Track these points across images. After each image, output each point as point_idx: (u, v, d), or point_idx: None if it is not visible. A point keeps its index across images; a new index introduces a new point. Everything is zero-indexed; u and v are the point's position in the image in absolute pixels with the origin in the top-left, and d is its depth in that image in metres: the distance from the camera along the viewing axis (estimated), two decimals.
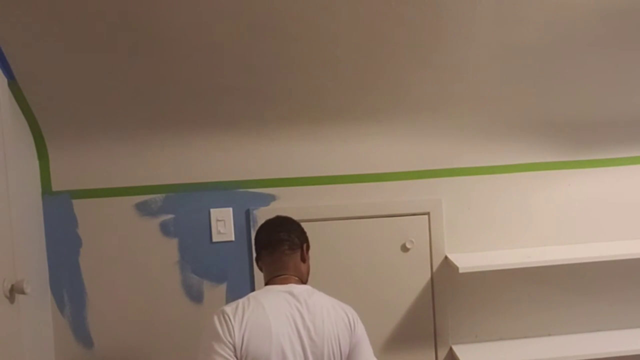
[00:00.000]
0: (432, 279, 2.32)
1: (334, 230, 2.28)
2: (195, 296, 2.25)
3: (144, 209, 2.22)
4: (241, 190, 2.25)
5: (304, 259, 1.85)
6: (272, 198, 2.26)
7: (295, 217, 2.23)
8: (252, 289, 2.25)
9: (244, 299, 1.69)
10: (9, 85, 1.94)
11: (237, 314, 1.63)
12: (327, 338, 1.67)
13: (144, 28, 1.86)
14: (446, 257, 2.31)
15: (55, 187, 2.18)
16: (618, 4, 1.94)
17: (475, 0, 1.88)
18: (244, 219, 2.25)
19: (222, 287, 2.26)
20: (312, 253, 2.26)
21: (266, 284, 1.79)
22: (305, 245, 1.86)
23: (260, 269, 1.88)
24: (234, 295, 2.25)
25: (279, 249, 1.80)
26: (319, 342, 1.66)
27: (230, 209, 2.25)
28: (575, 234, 2.38)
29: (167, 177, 2.22)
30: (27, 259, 1.99)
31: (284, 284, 1.75)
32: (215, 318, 1.63)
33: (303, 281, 1.82)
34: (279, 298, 1.69)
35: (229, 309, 1.65)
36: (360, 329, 1.75)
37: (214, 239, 2.24)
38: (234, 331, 1.59)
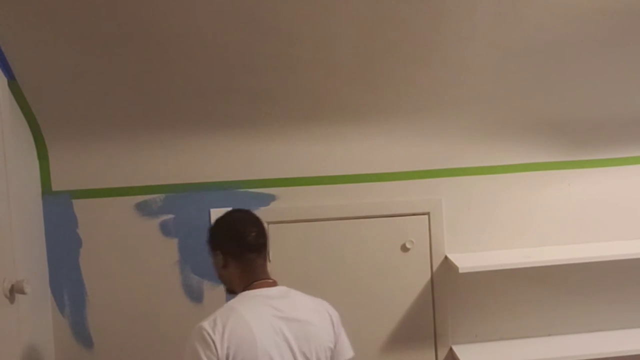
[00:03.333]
0: (432, 279, 2.32)
1: (334, 230, 2.27)
2: (195, 296, 2.25)
3: (144, 209, 2.22)
4: (241, 190, 2.25)
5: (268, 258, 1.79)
6: (272, 198, 2.26)
7: (295, 217, 2.25)
8: None
9: (221, 310, 1.62)
10: (9, 85, 1.94)
11: (217, 329, 1.56)
12: (314, 338, 1.63)
13: (144, 28, 1.86)
14: (446, 257, 2.31)
15: (55, 187, 2.18)
16: (618, 3, 1.94)
17: (475, 0, 1.88)
18: None
19: (222, 287, 2.25)
20: (313, 253, 2.27)
21: (244, 289, 1.69)
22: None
23: (223, 277, 1.77)
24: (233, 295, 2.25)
25: (263, 253, 1.72)
26: (307, 344, 1.62)
27: (230, 209, 2.24)
28: (575, 234, 2.38)
29: (167, 177, 2.22)
30: (27, 259, 1.98)
31: (260, 287, 1.68)
32: (195, 340, 1.56)
33: (274, 280, 1.74)
34: (258, 304, 1.64)
35: (207, 325, 1.57)
36: (338, 320, 1.73)
37: None
38: (216, 350, 1.53)
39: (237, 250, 1.71)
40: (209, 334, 1.54)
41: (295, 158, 2.26)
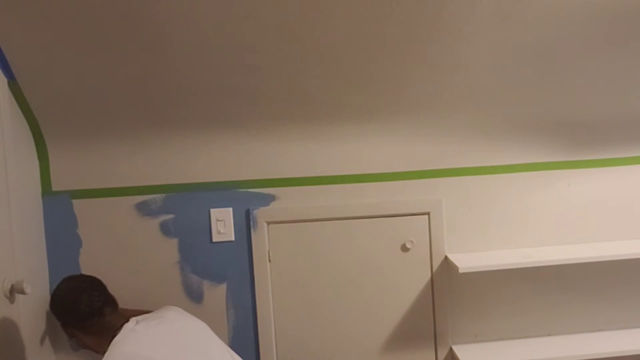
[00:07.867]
0: (432, 279, 2.32)
1: (334, 230, 2.28)
2: (195, 296, 2.25)
3: (144, 209, 2.22)
4: (241, 190, 2.25)
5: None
6: (272, 198, 2.26)
7: (295, 217, 2.25)
8: (252, 289, 2.26)
9: None
10: (9, 85, 1.94)
11: None
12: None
13: (144, 28, 1.86)
14: (446, 257, 2.31)
15: (55, 187, 2.18)
16: (617, 4, 1.94)
17: (475, 0, 1.88)
18: (244, 219, 2.25)
19: (222, 287, 2.26)
20: (312, 253, 2.27)
21: (113, 337, 1.75)
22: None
23: (88, 346, 1.88)
24: (233, 295, 2.25)
25: (107, 309, 1.86)
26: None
27: (230, 209, 2.25)
28: (575, 234, 2.38)
29: (167, 177, 2.22)
30: (27, 259, 1.98)
31: (126, 325, 1.78)
32: None
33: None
34: (144, 334, 1.73)
35: None
36: None
37: (214, 239, 2.24)
38: None
39: (79, 321, 1.85)
40: None
41: (295, 158, 2.26)
